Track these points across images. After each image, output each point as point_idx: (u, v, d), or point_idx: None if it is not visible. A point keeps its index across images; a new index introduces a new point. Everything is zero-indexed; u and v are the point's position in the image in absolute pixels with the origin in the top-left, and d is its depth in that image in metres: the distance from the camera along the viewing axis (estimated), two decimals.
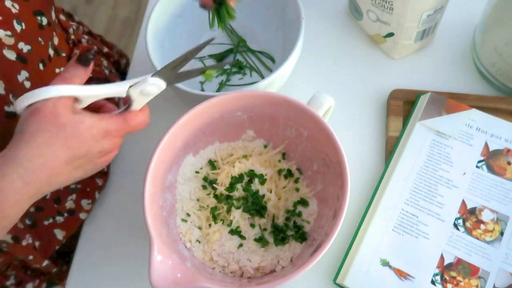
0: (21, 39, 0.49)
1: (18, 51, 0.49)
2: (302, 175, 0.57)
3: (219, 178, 0.56)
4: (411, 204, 0.55)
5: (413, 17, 0.58)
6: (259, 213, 0.54)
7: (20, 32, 0.49)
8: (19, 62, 0.49)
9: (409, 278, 0.52)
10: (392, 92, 0.62)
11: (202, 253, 0.53)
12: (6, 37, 0.48)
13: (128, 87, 0.43)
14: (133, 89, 0.43)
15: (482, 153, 0.57)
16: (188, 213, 0.55)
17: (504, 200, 0.54)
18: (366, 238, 0.54)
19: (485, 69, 0.62)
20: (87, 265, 0.59)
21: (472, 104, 0.60)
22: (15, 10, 0.49)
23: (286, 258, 0.52)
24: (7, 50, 0.48)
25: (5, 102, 0.48)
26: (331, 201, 0.51)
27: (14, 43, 0.48)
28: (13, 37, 0.48)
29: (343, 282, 0.52)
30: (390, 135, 0.60)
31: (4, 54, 0.48)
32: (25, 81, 0.50)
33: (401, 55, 0.66)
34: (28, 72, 0.50)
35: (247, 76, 0.67)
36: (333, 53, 0.68)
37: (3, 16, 0.48)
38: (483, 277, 0.51)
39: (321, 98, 0.51)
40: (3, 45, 0.47)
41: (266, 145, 0.59)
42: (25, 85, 0.50)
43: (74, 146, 0.40)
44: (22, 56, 0.49)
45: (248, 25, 0.70)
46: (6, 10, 0.48)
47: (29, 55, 0.50)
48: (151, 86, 0.43)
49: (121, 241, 0.59)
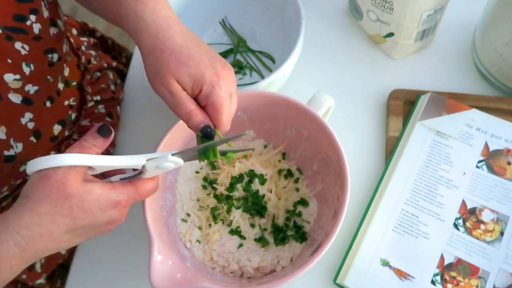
0: (29, 81, 0.48)
1: (24, 93, 0.47)
2: (302, 175, 0.57)
3: (219, 178, 0.56)
4: (411, 204, 0.55)
5: (413, 17, 0.58)
6: (259, 213, 0.54)
7: (28, 74, 0.47)
8: (24, 104, 0.48)
9: (409, 278, 0.52)
10: (392, 92, 0.62)
11: (202, 253, 0.53)
12: (14, 81, 0.46)
13: (145, 161, 0.41)
14: (150, 163, 0.41)
15: (482, 153, 0.57)
16: (188, 213, 0.55)
17: (504, 200, 0.54)
18: (366, 238, 0.54)
19: (485, 69, 0.62)
20: (87, 265, 0.59)
21: (472, 104, 0.60)
22: (24, 52, 0.47)
23: (286, 258, 0.52)
24: (12, 93, 0.46)
25: (5, 147, 0.47)
26: (331, 201, 0.51)
27: (21, 86, 0.47)
28: (21, 80, 0.47)
29: (343, 282, 0.52)
30: (390, 135, 0.60)
31: (9, 98, 0.46)
32: (29, 122, 0.49)
33: (401, 55, 0.66)
34: (32, 113, 0.49)
35: (247, 76, 0.67)
36: (333, 53, 0.68)
37: (12, 59, 0.46)
38: (483, 277, 0.51)
39: (321, 98, 0.51)
40: (9, 89, 0.46)
41: (266, 145, 0.59)
42: (28, 126, 0.49)
43: (79, 217, 0.38)
44: (28, 98, 0.48)
45: (248, 25, 0.70)
46: (15, 52, 0.46)
47: (35, 96, 0.49)
48: (169, 163, 0.41)
49: (121, 241, 0.59)
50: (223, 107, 0.42)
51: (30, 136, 0.49)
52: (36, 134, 0.50)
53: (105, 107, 0.64)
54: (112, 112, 0.65)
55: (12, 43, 0.46)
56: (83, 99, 0.62)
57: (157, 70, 0.42)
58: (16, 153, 0.48)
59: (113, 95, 0.66)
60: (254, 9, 0.68)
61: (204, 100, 0.42)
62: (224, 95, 0.42)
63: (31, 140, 0.50)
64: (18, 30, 0.46)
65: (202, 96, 0.42)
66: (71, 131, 0.59)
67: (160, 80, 0.42)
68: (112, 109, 0.65)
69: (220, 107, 0.42)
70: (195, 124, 0.42)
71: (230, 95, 0.43)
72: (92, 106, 0.63)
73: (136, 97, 0.70)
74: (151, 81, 0.44)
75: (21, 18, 0.47)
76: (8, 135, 0.46)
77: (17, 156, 0.48)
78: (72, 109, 0.58)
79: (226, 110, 0.43)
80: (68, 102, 0.57)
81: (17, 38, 0.46)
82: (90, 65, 0.65)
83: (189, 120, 0.42)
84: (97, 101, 0.63)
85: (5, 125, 0.46)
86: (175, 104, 0.42)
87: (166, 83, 0.42)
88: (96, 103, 0.63)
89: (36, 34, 0.48)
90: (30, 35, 0.47)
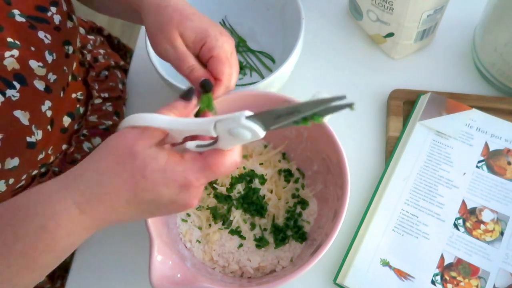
0: (50, 69, 0.49)
1: (46, 81, 0.48)
2: (302, 175, 0.57)
3: (219, 178, 0.56)
4: (411, 204, 0.55)
5: (413, 17, 0.58)
6: (259, 213, 0.54)
7: (51, 62, 0.48)
8: (45, 92, 0.48)
9: (409, 278, 0.52)
10: (392, 92, 0.62)
11: (202, 253, 0.53)
12: (38, 68, 0.47)
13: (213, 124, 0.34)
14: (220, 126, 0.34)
15: (482, 153, 0.57)
16: (188, 213, 0.55)
17: (504, 200, 0.54)
18: (366, 238, 0.54)
19: (485, 69, 0.62)
20: (87, 265, 0.59)
21: (472, 104, 0.60)
22: (47, 41, 0.48)
23: (286, 258, 0.52)
24: (37, 80, 0.47)
25: (28, 133, 0.47)
26: (331, 201, 0.51)
27: (45, 74, 0.48)
28: (45, 68, 0.48)
29: (343, 282, 0.52)
30: (390, 135, 0.60)
31: (35, 84, 0.47)
32: (48, 110, 0.49)
33: (401, 55, 0.66)
34: (50, 101, 0.49)
35: (247, 76, 0.67)
36: (333, 53, 0.68)
37: (36, 47, 0.47)
38: (483, 277, 0.51)
39: None
40: (35, 76, 0.47)
41: (266, 145, 0.59)
42: (47, 114, 0.49)
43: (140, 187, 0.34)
44: (49, 86, 0.49)
45: (248, 25, 0.70)
46: (38, 40, 0.47)
47: (54, 85, 0.50)
48: (243, 130, 0.33)
49: (121, 241, 0.59)
50: (227, 59, 0.43)
51: (47, 125, 0.50)
52: (51, 123, 0.51)
53: (112, 105, 0.65)
54: (119, 110, 0.66)
55: (35, 32, 0.47)
56: (89, 94, 0.62)
57: (160, 27, 0.43)
58: (37, 140, 0.48)
59: (121, 93, 0.66)
60: (254, 9, 0.68)
61: (207, 53, 0.42)
62: (227, 49, 0.43)
63: (48, 128, 0.50)
64: (40, 19, 0.48)
65: (206, 49, 0.42)
66: (80, 125, 0.60)
67: (163, 35, 0.42)
68: (119, 108, 0.66)
69: (225, 59, 0.42)
70: (196, 77, 0.42)
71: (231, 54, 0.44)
72: (100, 103, 0.63)
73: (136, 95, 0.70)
74: (154, 40, 0.44)
75: (43, 8, 0.48)
76: (31, 122, 0.47)
77: (37, 143, 0.48)
78: (80, 102, 0.59)
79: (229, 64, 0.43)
80: (75, 95, 0.58)
81: (39, 28, 0.48)
82: (97, 63, 0.66)
83: (191, 73, 0.42)
84: (105, 98, 0.64)
85: (29, 110, 0.46)
86: (178, 58, 0.42)
87: (169, 37, 0.42)
88: (104, 100, 0.64)
89: (56, 24, 0.49)
90: (52, 25, 0.49)
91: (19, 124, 0.45)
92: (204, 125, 0.34)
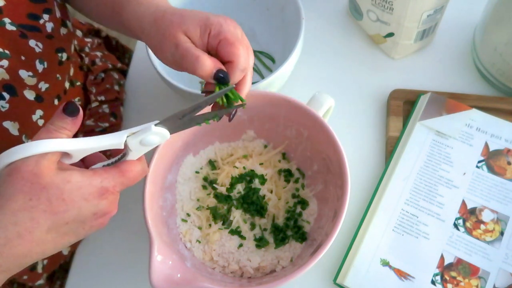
0: (41, 78, 0.48)
1: (37, 90, 0.47)
2: (302, 175, 0.57)
3: (219, 178, 0.56)
4: (411, 204, 0.55)
5: (413, 17, 0.58)
6: (259, 213, 0.54)
7: (41, 71, 0.47)
8: (36, 101, 0.47)
9: (409, 278, 0.52)
10: (392, 92, 0.62)
11: (202, 253, 0.53)
12: (28, 77, 0.46)
13: (125, 137, 0.36)
14: (132, 139, 0.37)
15: (482, 153, 0.57)
16: (188, 213, 0.55)
17: (504, 200, 0.54)
18: (366, 238, 0.54)
19: (485, 69, 0.62)
20: (87, 266, 0.59)
21: (472, 104, 0.60)
22: (38, 50, 0.47)
23: (286, 258, 0.52)
24: (28, 90, 0.46)
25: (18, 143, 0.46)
26: (331, 201, 0.51)
27: (35, 83, 0.47)
28: (35, 77, 0.47)
29: (343, 282, 0.52)
30: (390, 135, 0.60)
31: (25, 94, 0.46)
32: (39, 119, 0.49)
33: (401, 55, 0.66)
34: (43, 110, 0.49)
35: None
36: (333, 53, 0.68)
37: (26, 56, 0.46)
38: (483, 277, 0.51)
39: (321, 98, 0.51)
40: (25, 86, 0.46)
41: (266, 145, 0.59)
42: (38, 123, 0.49)
43: (60, 210, 0.34)
44: (40, 96, 0.48)
45: (248, 25, 0.70)
46: (29, 49, 0.46)
47: (46, 93, 0.49)
48: (153, 136, 0.37)
49: (121, 241, 0.59)
50: (237, 39, 0.39)
51: None
52: None
53: (109, 107, 0.65)
54: (115, 112, 0.66)
55: (26, 40, 0.46)
56: (87, 99, 0.62)
57: (163, 33, 0.40)
58: None
59: (117, 95, 0.66)
60: (254, 9, 0.68)
61: (214, 40, 0.40)
62: (234, 30, 0.40)
63: None
64: (32, 28, 0.47)
65: (212, 38, 0.40)
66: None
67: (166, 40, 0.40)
68: (115, 109, 0.66)
69: (234, 39, 0.39)
70: (205, 70, 0.39)
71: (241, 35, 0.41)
72: (97, 106, 0.63)
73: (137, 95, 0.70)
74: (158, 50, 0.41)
75: (35, 16, 0.47)
76: (21, 132, 0.47)
77: None
78: None
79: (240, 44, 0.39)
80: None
81: (31, 36, 0.47)
82: (95, 66, 0.65)
83: (198, 68, 0.39)
84: (102, 101, 0.64)
85: (18, 121, 0.46)
86: (181, 56, 0.39)
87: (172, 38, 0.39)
88: (100, 103, 0.64)
89: (49, 32, 0.49)
90: (44, 33, 0.48)
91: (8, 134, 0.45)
92: (117, 139, 0.36)
